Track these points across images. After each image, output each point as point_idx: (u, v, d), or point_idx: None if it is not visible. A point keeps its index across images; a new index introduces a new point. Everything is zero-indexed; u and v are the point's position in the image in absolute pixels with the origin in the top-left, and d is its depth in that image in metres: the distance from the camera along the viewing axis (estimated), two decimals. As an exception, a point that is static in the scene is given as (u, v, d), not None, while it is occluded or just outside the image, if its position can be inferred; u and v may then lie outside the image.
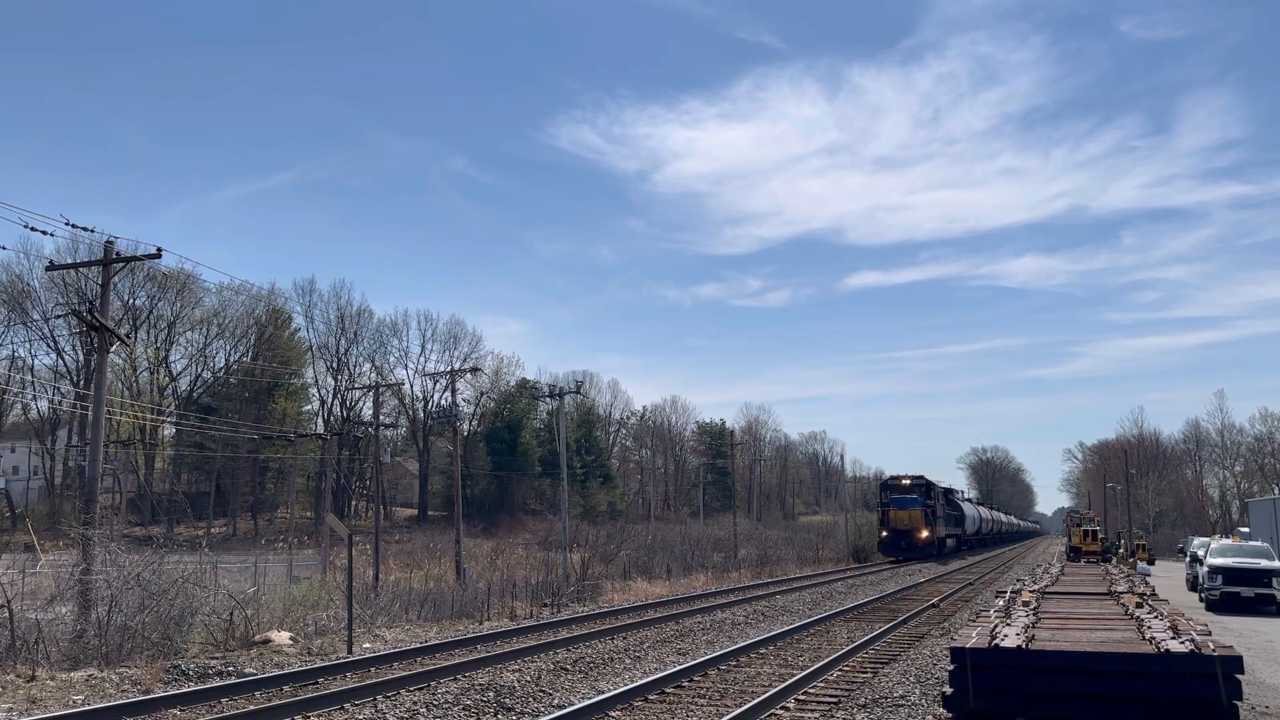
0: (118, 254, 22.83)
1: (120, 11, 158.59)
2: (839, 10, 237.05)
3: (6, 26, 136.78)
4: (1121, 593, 15.32)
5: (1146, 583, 21.72)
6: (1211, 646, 9.16)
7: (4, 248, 39.00)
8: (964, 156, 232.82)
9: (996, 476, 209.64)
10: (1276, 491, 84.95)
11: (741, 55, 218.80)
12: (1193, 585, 34.24)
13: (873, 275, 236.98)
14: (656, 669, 16.01)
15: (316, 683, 14.87)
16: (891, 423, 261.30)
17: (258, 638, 19.55)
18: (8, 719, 12.29)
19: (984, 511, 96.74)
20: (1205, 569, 29.82)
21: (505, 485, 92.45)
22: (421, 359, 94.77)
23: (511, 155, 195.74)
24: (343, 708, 12.80)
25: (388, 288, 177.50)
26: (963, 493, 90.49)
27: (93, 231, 22.49)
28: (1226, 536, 43.15)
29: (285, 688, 14.42)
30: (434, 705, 12.88)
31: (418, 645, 19.11)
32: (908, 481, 62.77)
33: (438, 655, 17.96)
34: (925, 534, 59.12)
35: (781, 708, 12.79)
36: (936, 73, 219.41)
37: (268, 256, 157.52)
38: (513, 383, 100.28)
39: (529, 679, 14.91)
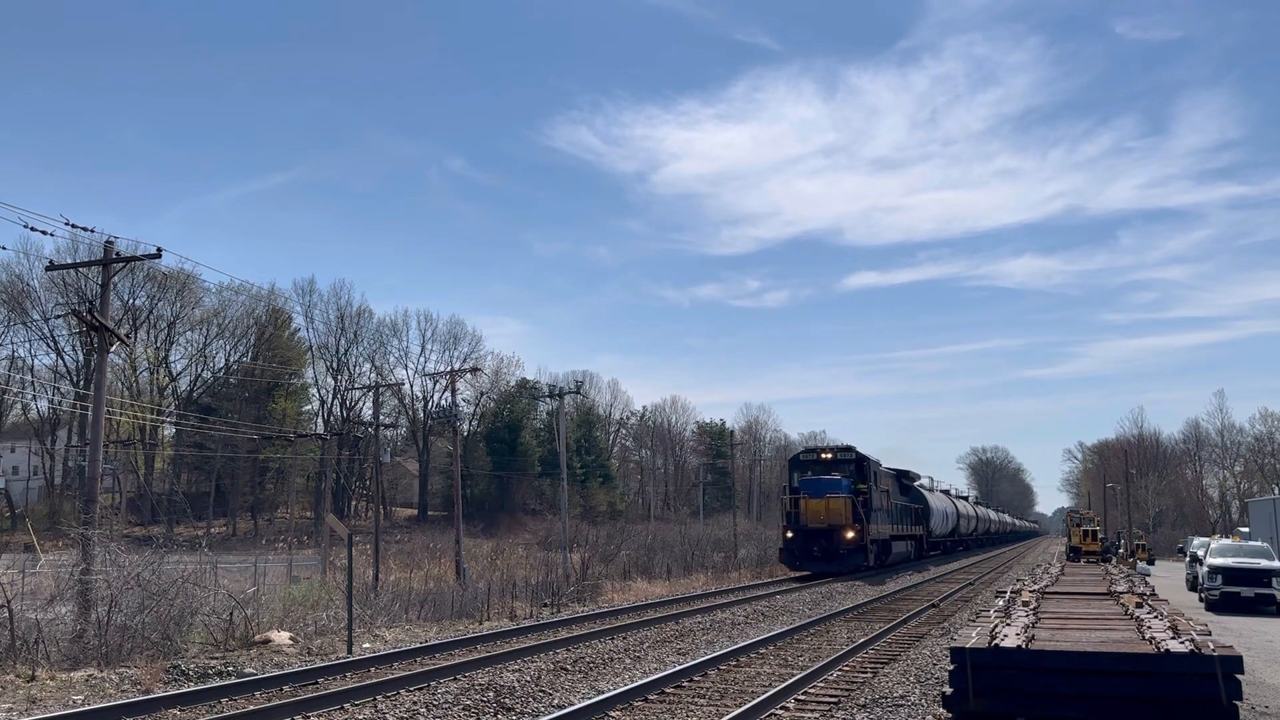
0: (118, 254, 22.83)
1: (120, 11, 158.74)
2: (835, 12, 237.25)
3: (6, 26, 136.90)
4: (1121, 593, 15.33)
5: (1146, 583, 21.74)
6: (1211, 646, 9.16)
7: (4, 248, 39.09)
8: (961, 157, 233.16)
9: (996, 476, 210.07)
10: (1276, 491, 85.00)
11: (738, 56, 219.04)
12: (1193, 585, 34.25)
13: (871, 276, 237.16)
14: (656, 669, 16.00)
15: (316, 683, 14.86)
16: (891, 423, 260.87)
17: (258, 638, 19.55)
18: (8, 719, 12.29)
19: (964, 506, 78.54)
20: (1205, 569, 29.83)
21: (505, 485, 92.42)
22: (421, 359, 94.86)
23: (509, 156, 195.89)
24: (343, 708, 12.79)
25: (388, 288, 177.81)
26: (930, 480, 69.32)
27: (93, 231, 22.51)
28: (1226, 536, 43.16)
29: (285, 688, 14.42)
30: (434, 705, 12.88)
31: (418, 645, 19.11)
32: (829, 456, 44.00)
33: (437, 655, 17.95)
34: (851, 534, 39.80)
35: (781, 708, 12.79)
36: (933, 74, 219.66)
37: (268, 256, 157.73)
38: (512, 383, 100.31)
39: (529, 679, 14.90)
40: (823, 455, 44.63)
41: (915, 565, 50.52)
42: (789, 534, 41.10)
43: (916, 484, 58.64)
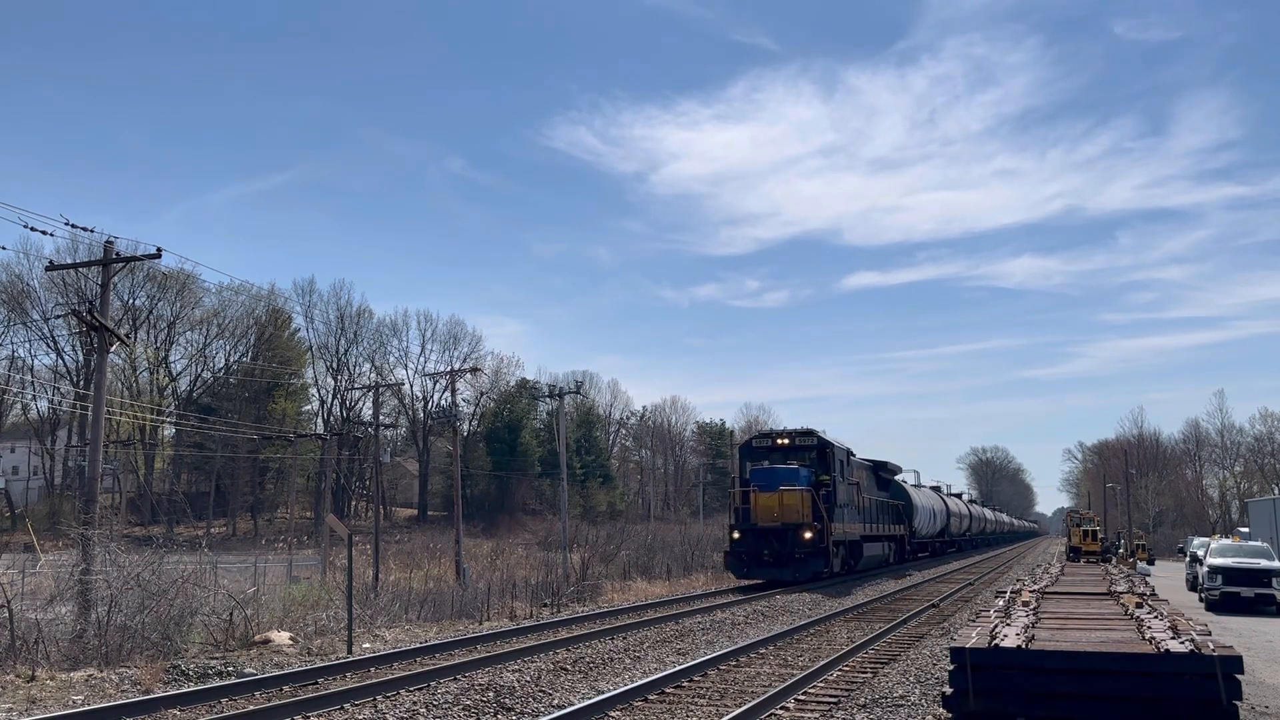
0: (118, 254, 22.84)
1: (119, 11, 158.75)
2: (834, 12, 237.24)
3: (6, 26, 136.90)
4: (1121, 593, 15.33)
5: (1146, 583, 21.75)
6: (1211, 646, 9.16)
7: (4, 248, 39.16)
8: (960, 158, 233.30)
9: (996, 476, 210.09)
10: (1276, 491, 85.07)
11: (737, 57, 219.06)
12: (1193, 585, 34.26)
13: (870, 276, 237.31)
14: (656, 669, 15.99)
15: (316, 683, 14.86)
16: (891, 423, 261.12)
17: (257, 638, 19.55)
18: (8, 719, 12.29)
19: (955, 504, 71.02)
20: (1205, 569, 29.84)
21: (505, 485, 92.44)
22: (421, 359, 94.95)
23: (508, 156, 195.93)
24: (342, 708, 12.79)
25: (387, 288, 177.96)
26: (916, 474, 62.38)
27: (93, 231, 22.53)
28: (1226, 536, 43.17)
29: (285, 688, 14.41)
30: (434, 705, 12.88)
31: (417, 645, 19.10)
32: (786, 442, 36.78)
33: (437, 655, 17.95)
34: (810, 534, 33.21)
35: (781, 708, 12.78)
36: (932, 74, 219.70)
37: (268, 256, 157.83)
38: (512, 383, 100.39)
39: (529, 679, 14.90)
40: (779, 441, 37.25)
41: (894, 570, 44.34)
42: (735, 534, 34.70)
43: (898, 478, 51.96)
